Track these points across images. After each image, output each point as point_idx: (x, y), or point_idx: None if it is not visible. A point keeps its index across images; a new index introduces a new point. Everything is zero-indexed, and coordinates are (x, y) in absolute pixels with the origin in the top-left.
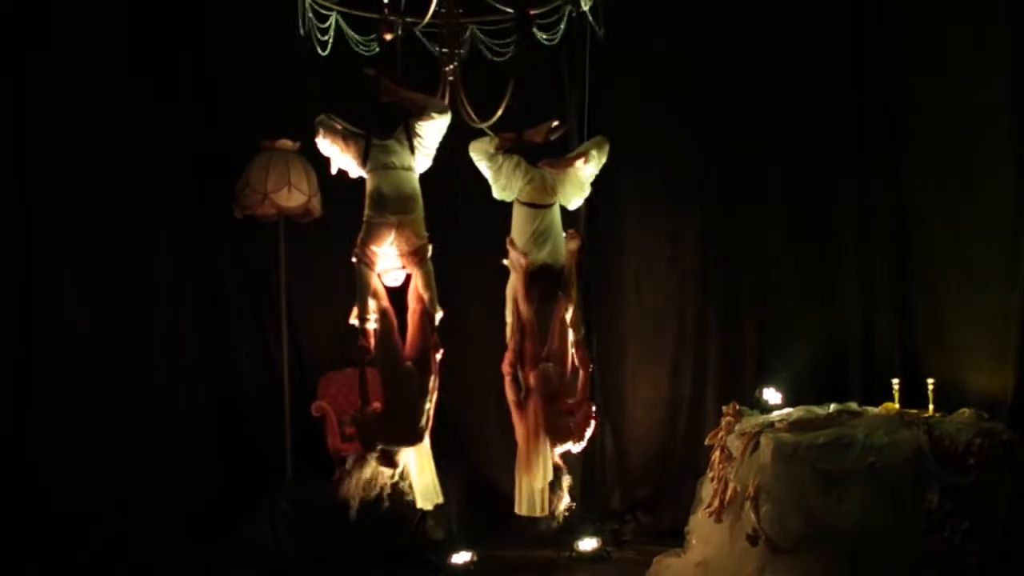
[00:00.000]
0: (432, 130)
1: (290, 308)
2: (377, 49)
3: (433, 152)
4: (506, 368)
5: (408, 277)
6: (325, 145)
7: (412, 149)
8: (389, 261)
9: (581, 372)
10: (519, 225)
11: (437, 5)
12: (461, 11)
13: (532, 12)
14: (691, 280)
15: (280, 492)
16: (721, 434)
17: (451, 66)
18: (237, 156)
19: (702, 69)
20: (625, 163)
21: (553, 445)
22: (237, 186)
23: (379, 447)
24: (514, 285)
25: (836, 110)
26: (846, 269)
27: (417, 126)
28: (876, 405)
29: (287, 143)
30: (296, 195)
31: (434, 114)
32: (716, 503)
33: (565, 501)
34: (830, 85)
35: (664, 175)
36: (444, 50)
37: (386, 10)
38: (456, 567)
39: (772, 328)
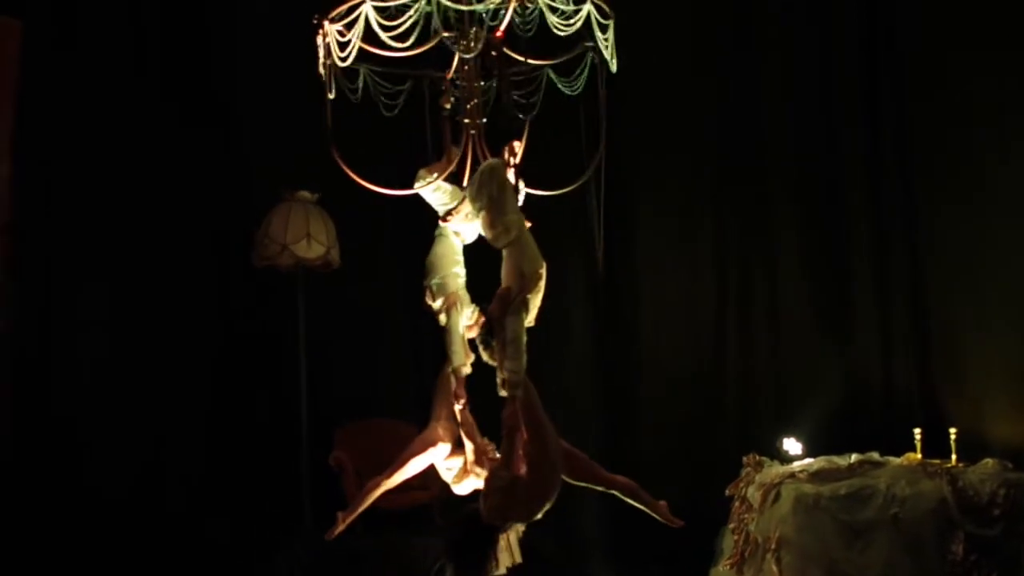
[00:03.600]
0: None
1: (308, 359)
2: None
3: (443, 212)
4: None
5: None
6: None
7: None
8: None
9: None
10: None
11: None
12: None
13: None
14: (709, 330)
15: (298, 543)
16: (741, 485)
17: (472, 121)
18: (257, 206)
19: (715, 103)
20: (642, 217)
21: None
22: (256, 236)
23: None
24: None
25: (850, 154)
26: (865, 315)
27: None
28: (898, 455)
29: (306, 194)
30: (315, 246)
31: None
32: (737, 555)
33: None
34: (844, 125)
35: (680, 226)
36: (467, 106)
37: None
38: None
39: (792, 379)
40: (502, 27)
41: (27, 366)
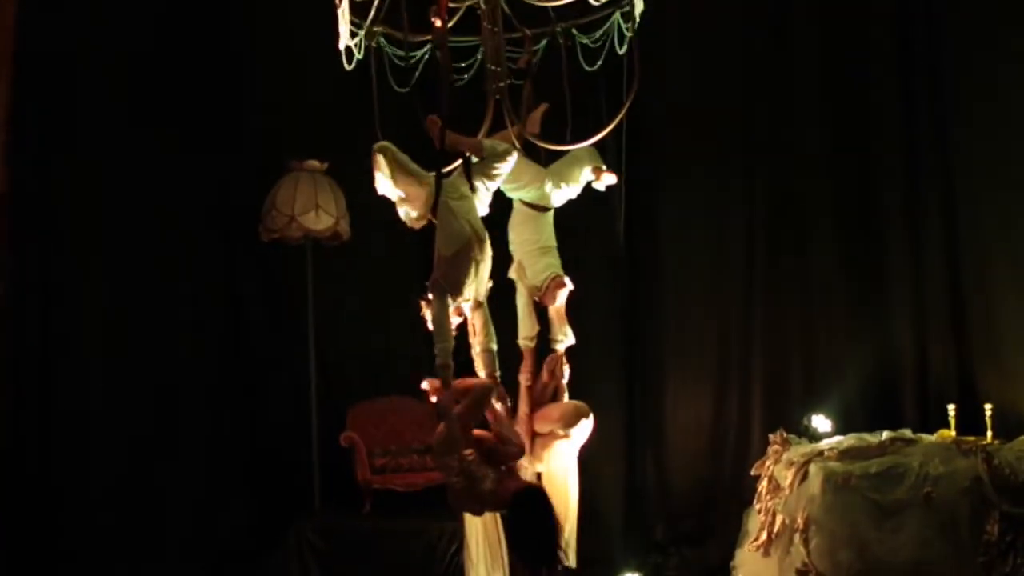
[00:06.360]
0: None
1: (318, 335)
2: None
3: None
4: None
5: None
6: None
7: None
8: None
9: None
10: None
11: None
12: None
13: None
14: (735, 302)
15: (309, 525)
16: (768, 463)
17: (499, 84)
18: (263, 177)
19: (745, 88)
20: (666, 185)
21: None
22: (263, 208)
23: None
24: None
25: (885, 138)
26: (898, 291)
27: None
28: (931, 432)
29: (315, 163)
30: (324, 217)
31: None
32: (764, 536)
33: None
34: (878, 96)
35: (707, 196)
36: (492, 67)
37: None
38: None
39: (821, 352)
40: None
41: (26, 341)
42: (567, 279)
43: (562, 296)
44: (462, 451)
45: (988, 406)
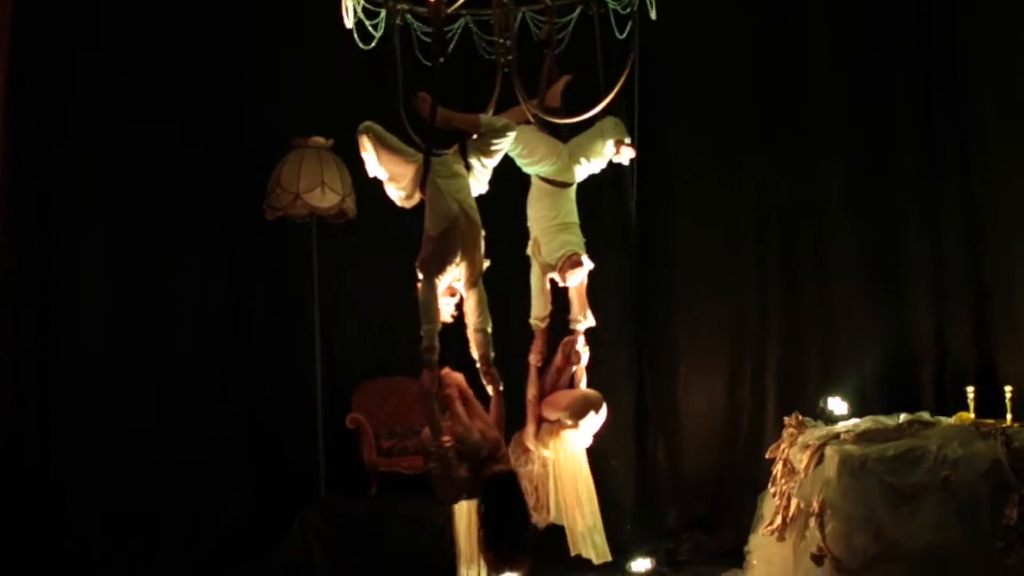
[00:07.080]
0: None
1: (322, 314)
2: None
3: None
4: None
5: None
6: None
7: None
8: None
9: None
10: None
11: None
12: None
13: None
14: (749, 282)
15: (314, 510)
16: (783, 447)
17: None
18: (267, 155)
19: (760, 73)
20: (679, 165)
21: None
22: (268, 186)
23: None
24: None
25: (903, 122)
26: (917, 270)
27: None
28: (950, 415)
29: (320, 140)
30: (330, 195)
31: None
32: (778, 520)
33: None
34: (894, 74)
35: (719, 176)
36: (501, 41)
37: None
38: None
39: (837, 333)
40: None
41: (25, 333)
42: (585, 257)
43: (579, 275)
44: (440, 437)
45: (1008, 388)
